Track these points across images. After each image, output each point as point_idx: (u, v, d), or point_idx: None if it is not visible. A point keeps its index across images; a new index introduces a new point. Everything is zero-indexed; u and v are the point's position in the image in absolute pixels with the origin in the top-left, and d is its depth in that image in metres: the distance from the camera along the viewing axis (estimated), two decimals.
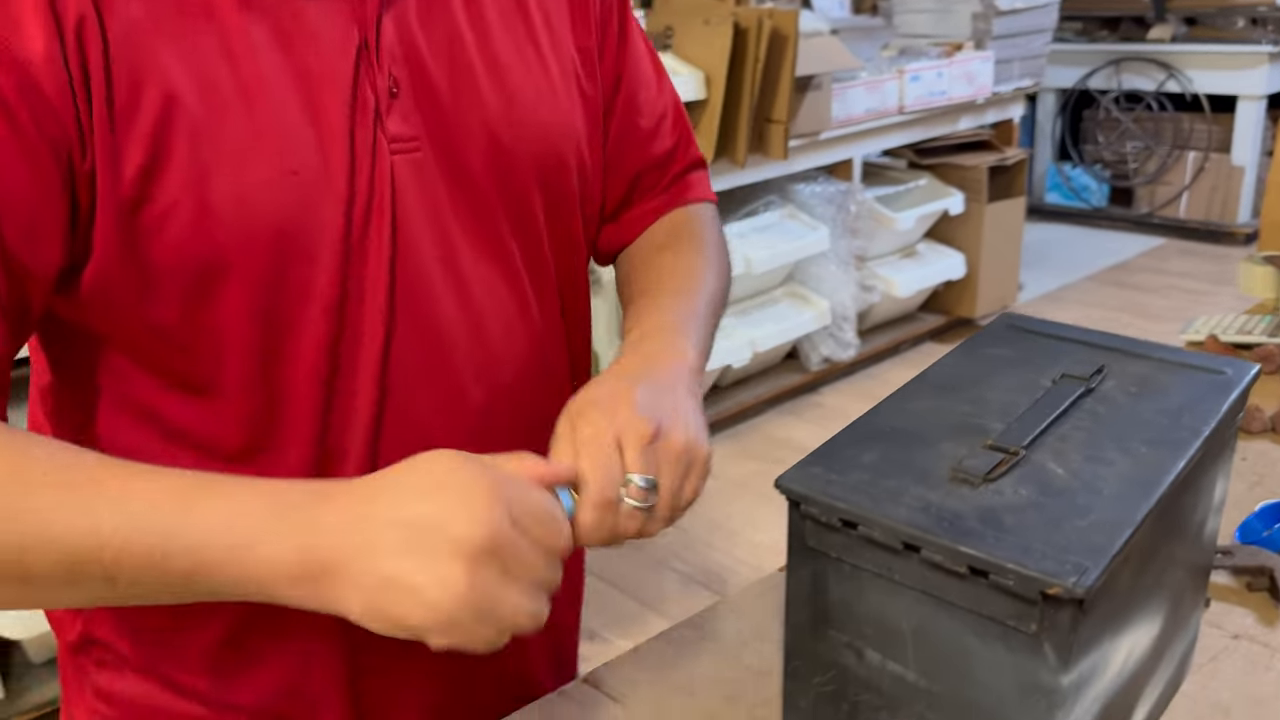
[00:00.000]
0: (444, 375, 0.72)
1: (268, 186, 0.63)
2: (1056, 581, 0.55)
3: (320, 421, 0.69)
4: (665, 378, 0.70)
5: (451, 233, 0.71)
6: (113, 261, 0.62)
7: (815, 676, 0.68)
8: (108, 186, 0.60)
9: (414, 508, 0.53)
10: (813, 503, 0.64)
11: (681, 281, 0.82)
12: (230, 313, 0.65)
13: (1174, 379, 0.74)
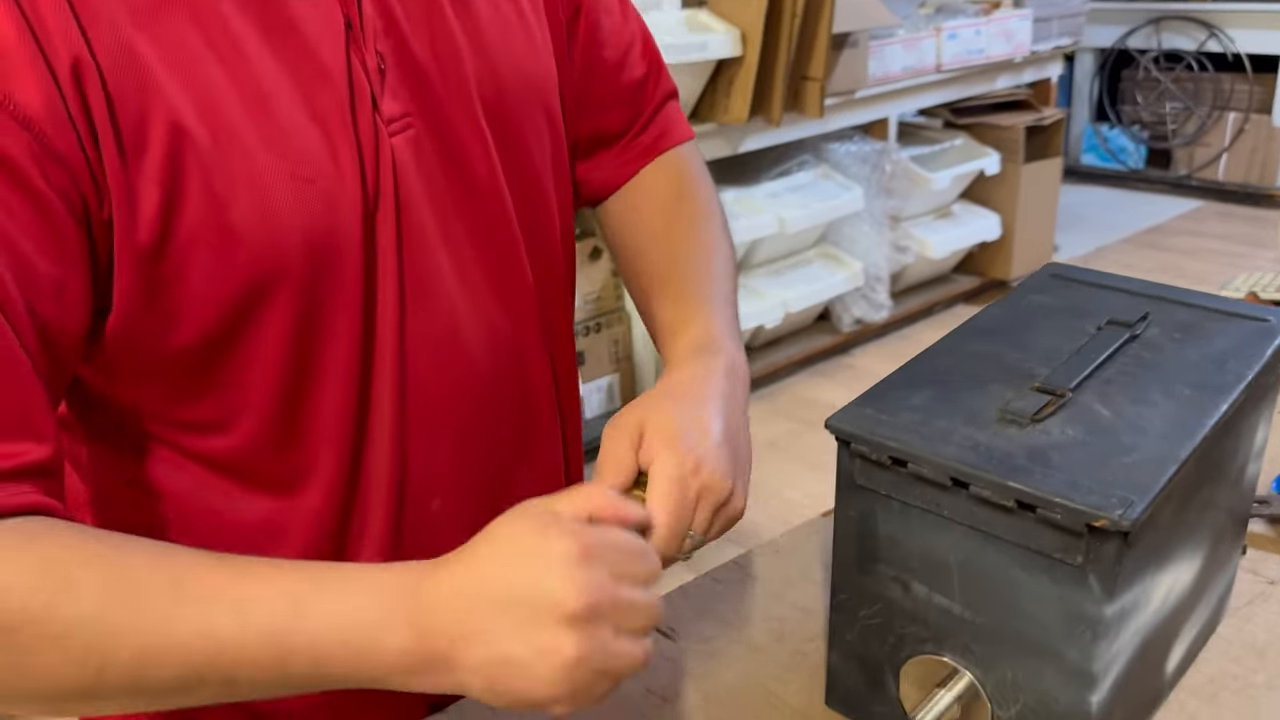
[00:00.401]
0: (455, 351, 0.72)
1: (287, 201, 0.62)
2: (1103, 514, 0.57)
3: (350, 426, 0.69)
4: (735, 408, 0.71)
5: (448, 206, 0.71)
6: (135, 307, 0.61)
7: (862, 610, 0.71)
8: (125, 231, 0.58)
9: (513, 585, 0.53)
10: (863, 441, 0.66)
11: (705, 263, 0.82)
12: (265, 337, 0.64)
13: (1218, 326, 0.75)
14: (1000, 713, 0.65)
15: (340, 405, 0.68)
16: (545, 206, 0.80)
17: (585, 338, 2.88)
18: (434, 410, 0.72)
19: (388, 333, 0.69)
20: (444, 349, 0.72)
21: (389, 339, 0.69)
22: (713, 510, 0.66)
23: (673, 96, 0.92)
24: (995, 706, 0.65)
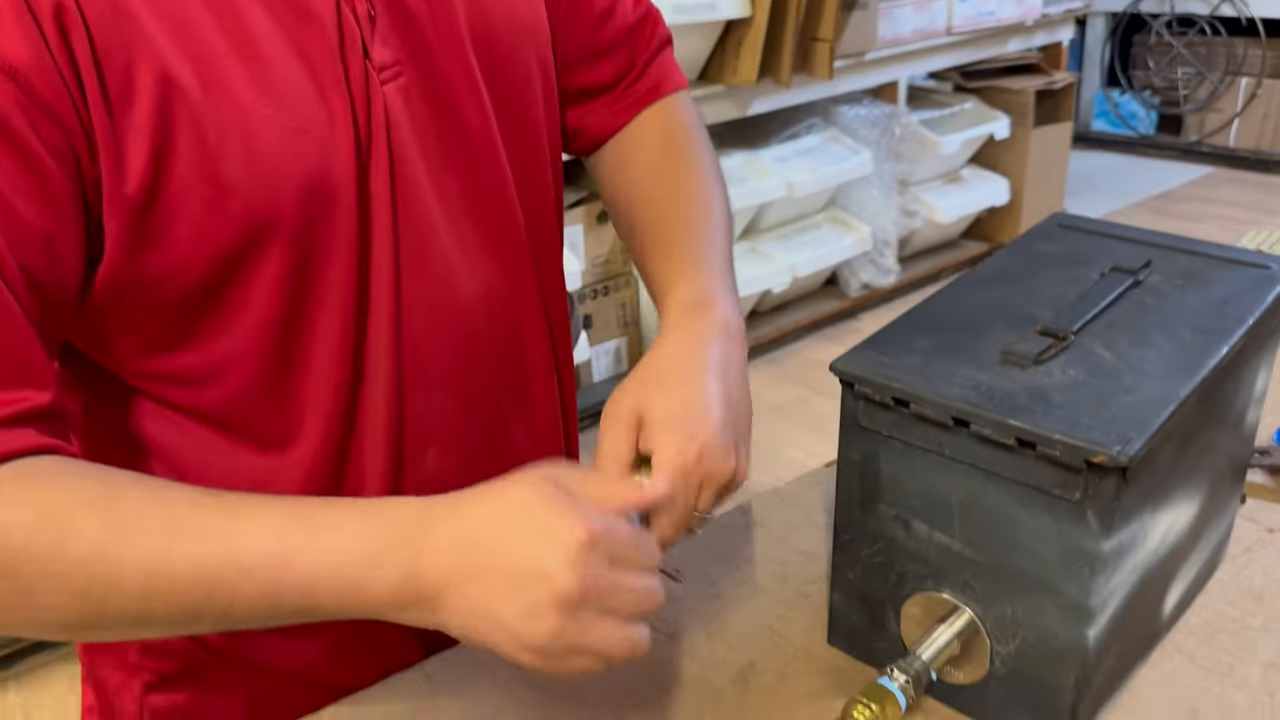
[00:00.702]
0: (450, 304, 0.73)
1: (279, 151, 0.61)
2: (1101, 450, 0.58)
3: (344, 378, 0.70)
4: (731, 374, 0.70)
5: (440, 156, 0.71)
6: (125, 259, 0.60)
7: (864, 549, 0.72)
8: (114, 183, 0.58)
9: (515, 553, 0.55)
10: (866, 383, 0.67)
11: (694, 215, 0.81)
12: (257, 287, 0.64)
13: (1220, 273, 0.76)
14: (999, 648, 0.67)
15: (334, 357, 0.68)
16: (539, 159, 0.80)
17: (593, 301, 2.89)
18: (430, 362, 0.73)
19: (382, 285, 0.69)
20: (439, 301, 0.72)
21: (384, 291, 0.69)
22: (716, 490, 0.67)
23: (667, 44, 0.91)
24: (994, 642, 0.67)
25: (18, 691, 2.11)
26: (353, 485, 0.73)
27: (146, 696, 0.76)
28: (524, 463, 0.81)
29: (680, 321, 0.73)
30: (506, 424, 0.80)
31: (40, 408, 0.57)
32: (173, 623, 0.57)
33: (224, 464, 0.70)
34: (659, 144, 0.87)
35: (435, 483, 0.75)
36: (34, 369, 0.57)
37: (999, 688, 0.68)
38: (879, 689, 0.63)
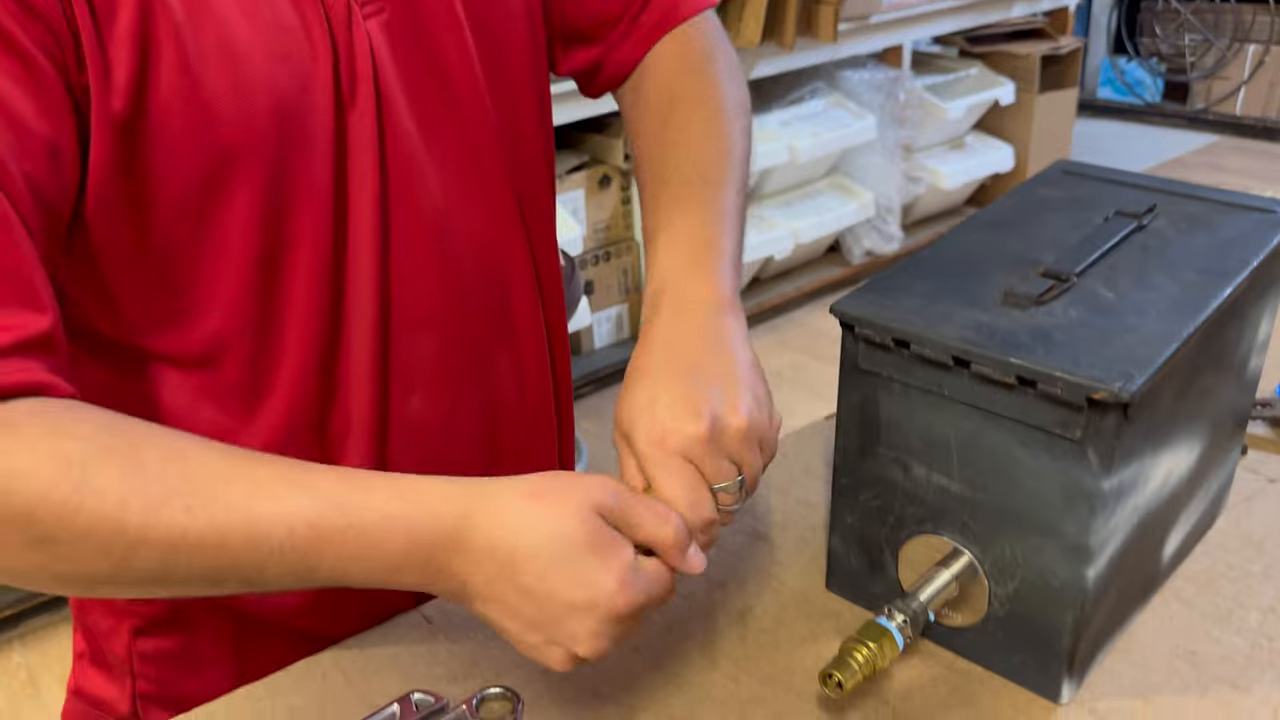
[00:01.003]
0: (436, 248, 0.72)
1: (260, 75, 0.61)
2: (1103, 387, 0.57)
3: (324, 320, 0.69)
4: (710, 348, 0.66)
5: (424, 97, 0.69)
6: (109, 180, 0.60)
7: (862, 493, 0.72)
8: (101, 96, 0.57)
9: (545, 595, 0.55)
10: (867, 324, 0.67)
11: (705, 167, 0.76)
12: (234, 219, 0.63)
13: (1225, 217, 0.75)
14: (997, 589, 0.66)
15: (312, 299, 0.68)
16: (525, 102, 0.78)
17: (594, 267, 2.88)
18: (414, 305, 0.72)
19: (364, 226, 0.68)
20: (425, 244, 0.71)
21: (366, 232, 0.68)
22: (713, 453, 0.61)
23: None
24: (993, 583, 0.66)
25: (22, 652, 2.12)
26: (337, 429, 0.73)
27: (135, 641, 0.76)
28: (508, 410, 0.82)
29: (646, 321, 0.69)
30: (491, 370, 0.79)
31: (41, 334, 0.55)
32: (194, 585, 0.56)
33: (205, 410, 0.69)
34: (666, 86, 0.82)
35: (419, 428, 0.75)
36: (34, 291, 0.56)
37: (997, 629, 0.67)
38: (876, 628, 0.63)
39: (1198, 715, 0.65)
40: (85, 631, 0.80)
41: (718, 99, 0.80)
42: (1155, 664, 0.69)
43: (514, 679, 0.69)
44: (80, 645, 0.81)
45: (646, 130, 0.82)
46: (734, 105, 0.81)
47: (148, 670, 0.77)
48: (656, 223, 0.75)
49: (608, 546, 0.56)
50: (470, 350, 0.77)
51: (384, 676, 0.70)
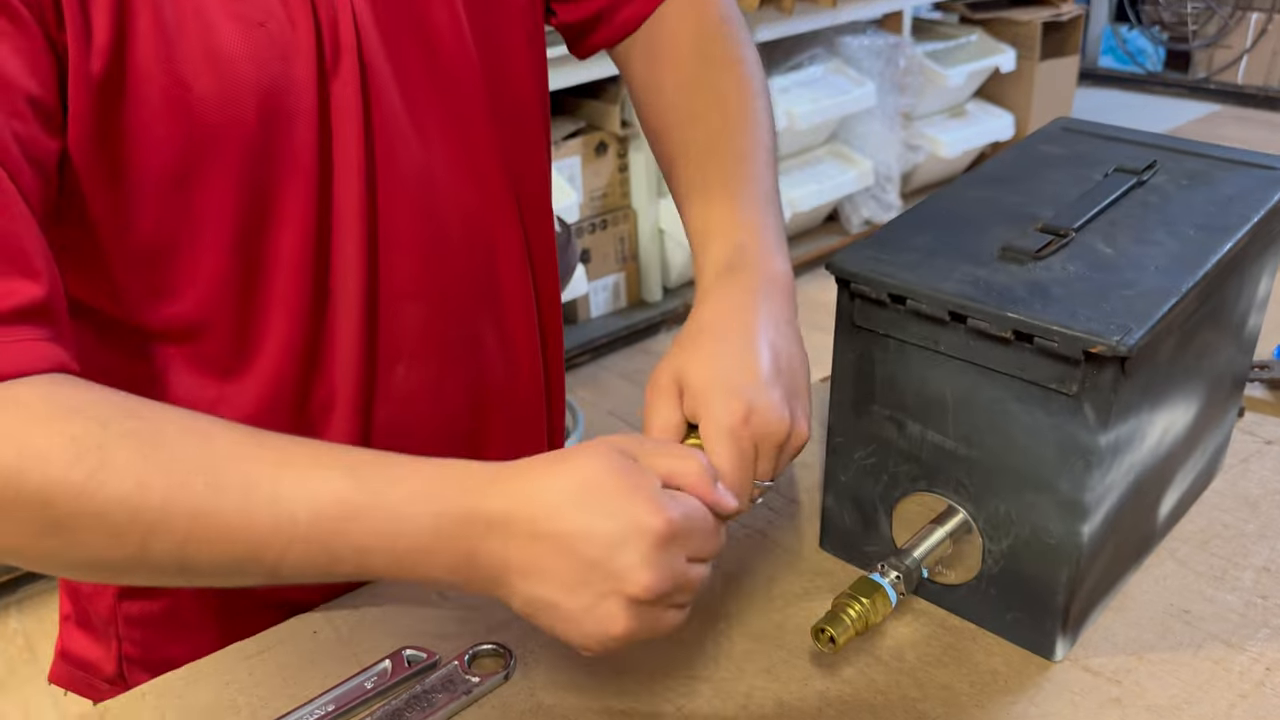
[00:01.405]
0: (423, 220, 0.70)
1: (237, 46, 0.59)
2: (1101, 341, 0.57)
3: (306, 293, 0.68)
4: (780, 330, 0.65)
5: (409, 60, 0.68)
6: (86, 141, 0.58)
7: (857, 451, 0.71)
8: (80, 58, 0.56)
9: (588, 544, 0.51)
10: (863, 280, 0.66)
11: (739, 148, 0.73)
12: (215, 191, 0.62)
13: (1226, 173, 0.74)
14: (991, 546, 0.66)
15: (295, 270, 0.66)
16: (517, 67, 0.76)
17: (591, 235, 2.87)
18: (401, 276, 0.71)
19: (350, 197, 0.66)
20: (411, 214, 0.70)
21: (352, 203, 0.66)
22: (775, 453, 0.61)
23: None
24: (987, 540, 0.66)
25: (19, 618, 2.13)
26: (321, 401, 0.72)
27: (119, 603, 0.76)
28: (495, 381, 0.81)
29: (719, 282, 0.67)
30: (478, 341, 0.78)
31: (35, 301, 0.53)
32: (216, 574, 0.53)
33: (187, 379, 0.68)
34: (691, 47, 0.79)
35: (405, 398, 0.74)
36: (28, 256, 0.54)
37: (990, 587, 0.67)
38: (869, 583, 0.63)
39: (1191, 672, 0.65)
40: (70, 593, 0.80)
41: (739, 73, 0.78)
42: (1149, 622, 0.69)
43: (506, 636, 0.68)
44: (66, 607, 0.81)
45: (669, 117, 0.78)
46: (755, 74, 0.79)
47: (132, 633, 0.77)
48: (708, 191, 0.72)
49: (631, 474, 0.53)
50: (457, 321, 0.76)
51: (376, 634, 0.70)
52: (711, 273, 0.68)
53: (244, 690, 0.65)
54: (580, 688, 0.65)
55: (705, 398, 0.60)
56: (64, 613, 0.81)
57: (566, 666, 0.66)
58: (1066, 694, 0.64)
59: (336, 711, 0.62)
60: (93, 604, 0.77)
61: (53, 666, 0.82)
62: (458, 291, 0.75)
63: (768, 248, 0.68)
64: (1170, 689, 0.64)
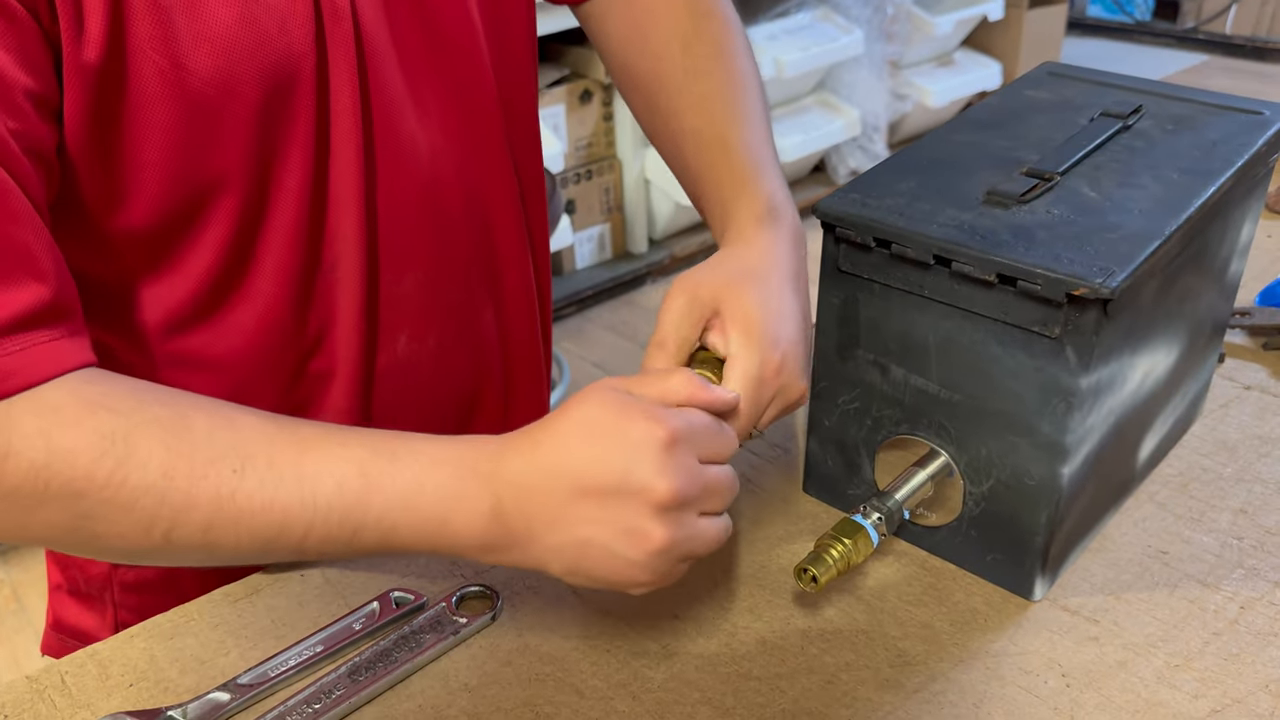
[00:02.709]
0: (420, 187, 0.70)
1: (234, 20, 0.58)
2: (1083, 283, 0.57)
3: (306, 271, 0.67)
4: (804, 288, 0.68)
5: (410, 33, 0.67)
6: (82, 130, 0.57)
7: (841, 396, 0.72)
8: (73, 45, 0.55)
9: (600, 471, 0.52)
10: (848, 224, 0.66)
11: (740, 108, 0.74)
12: (214, 171, 0.61)
13: (1211, 118, 0.74)
14: (972, 489, 0.67)
15: (290, 242, 0.66)
16: (515, 29, 0.75)
17: (575, 185, 2.85)
18: (400, 244, 0.70)
19: (347, 167, 0.66)
20: (409, 181, 0.69)
21: (349, 173, 0.66)
22: (782, 407, 0.63)
23: None
24: (968, 483, 0.67)
25: (4, 569, 2.13)
26: (320, 369, 0.72)
27: (115, 569, 0.76)
28: (494, 344, 0.81)
29: (760, 228, 0.68)
30: (477, 306, 0.78)
31: (44, 303, 0.52)
32: (243, 555, 0.54)
33: (181, 348, 0.68)
34: (678, 16, 0.78)
35: (406, 368, 0.74)
36: (34, 258, 0.52)
37: (971, 528, 0.68)
38: (851, 525, 0.63)
39: (1168, 611, 0.66)
40: (59, 562, 0.79)
41: (733, 33, 0.77)
42: (1127, 563, 0.70)
43: (493, 578, 0.69)
44: (56, 577, 0.80)
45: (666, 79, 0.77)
46: (743, 33, 0.79)
47: (129, 600, 0.77)
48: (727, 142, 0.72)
49: (626, 402, 0.54)
50: (457, 289, 0.76)
51: (363, 576, 0.70)
52: (751, 218, 0.68)
53: (232, 632, 0.66)
54: (566, 627, 0.65)
55: (745, 339, 0.61)
56: (54, 582, 0.81)
57: (553, 608, 0.67)
58: (1045, 632, 0.65)
59: (325, 652, 0.63)
60: (85, 572, 0.77)
61: (44, 638, 0.82)
62: (457, 260, 0.75)
63: (789, 201, 0.70)
64: (1147, 627, 0.65)
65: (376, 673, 0.61)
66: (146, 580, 0.76)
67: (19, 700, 0.61)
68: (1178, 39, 4.73)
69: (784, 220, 0.69)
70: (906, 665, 0.63)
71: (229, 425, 0.53)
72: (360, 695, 0.60)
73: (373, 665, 0.62)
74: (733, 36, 0.78)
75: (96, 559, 0.55)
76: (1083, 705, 0.60)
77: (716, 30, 0.77)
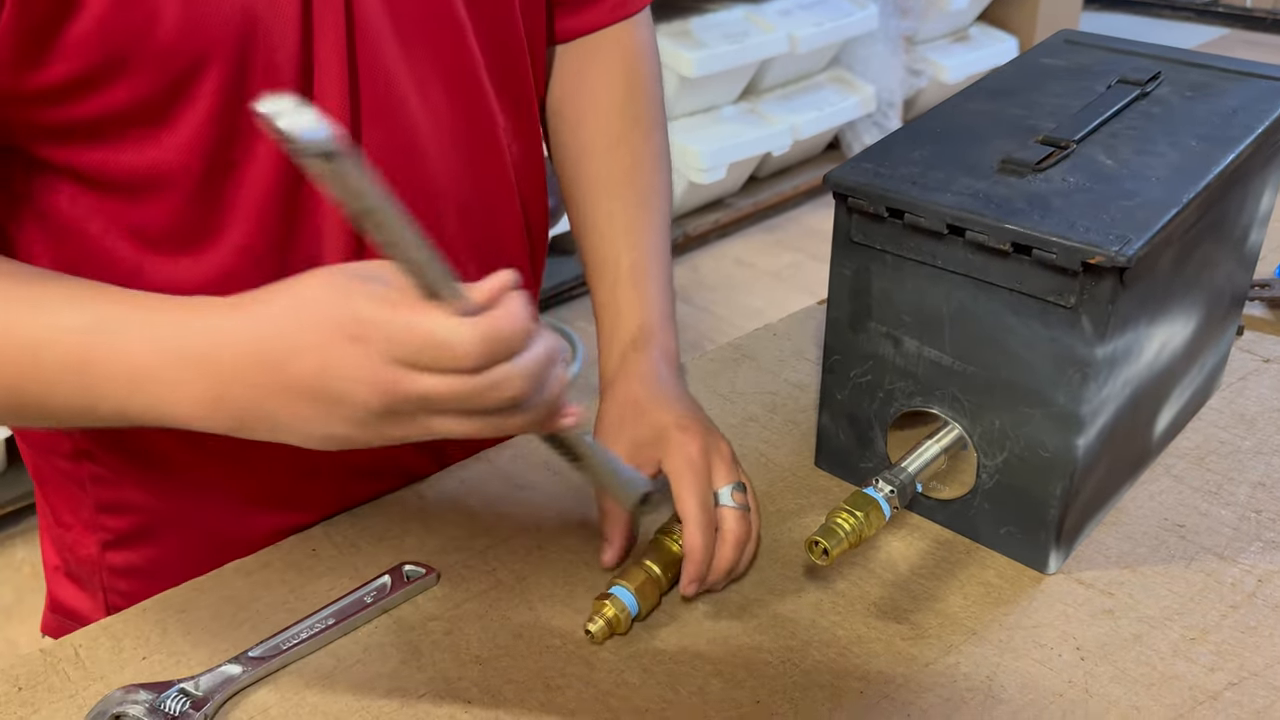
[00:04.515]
0: (417, 185, 0.68)
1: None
2: (1099, 251, 0.56)
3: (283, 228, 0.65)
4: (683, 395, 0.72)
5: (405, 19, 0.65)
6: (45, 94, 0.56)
7: (853, 369, 0.71)
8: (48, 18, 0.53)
9: (300, 368, 0.49)
10: (862, 194, 0.65)
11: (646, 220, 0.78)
12: (189, 126, 0.59)
13: (1231, 84, 0.73)
14: (986, 461, 0.66)
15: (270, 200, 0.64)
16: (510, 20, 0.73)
17: None
18: None
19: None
20: (404, 174, 0.67)
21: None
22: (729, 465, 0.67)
23: None
24: (982, 455, 0.66)
25: (25, 548, 2.15)
26: None
27: (104, 553, 0.75)
28: None
29: (625, 362, 0.73)
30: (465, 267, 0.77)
31: None
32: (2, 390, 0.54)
33: None
34: (620, 100, 0.80)
35: None
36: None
37: (985, 501, 0.67)
38: (864, 497, 0.63)
39: (1184, 584, 0.65)
40: (55, 543, 0.79)
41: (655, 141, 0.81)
42: (1143, 536, 0.69)
43: (501, 553, 0.69)
44: (53, 559, 0.80)
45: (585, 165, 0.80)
46: (665, 139, 0.82)
47: (118, 584, 0.76)
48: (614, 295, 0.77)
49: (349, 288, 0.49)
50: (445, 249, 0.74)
51: (375, 550, 0.70)
52: (619, 352, 0.74)
53: (244, 605, 0.66)
54: (578, 600, 0.65)
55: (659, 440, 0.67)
56: (51, 564, 0.81)
57: (564, 581, 0.67)
58: (1059, 605, 0.64)
59: (336, 625, 0.63)
60: (76, 554, 0.77)
61: (44, 618, 0.83)
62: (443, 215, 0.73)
63: (665, 325, 0.75)
64: (1163, 600, 0.64)
65: None
66: (135, 566, 0.76)
67: (33, 673, 0.61)
68: (1198, 12, 4.67)
69: (655, 343, 0.73)
70: (919, 638, 0.62)
71: (17, 269, 0.55)
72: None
73: None
74: (655, 144, 0.81)
75: None
76: (1097, 678, 0.59)
77: (638, 141, 0.80)
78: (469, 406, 0.49)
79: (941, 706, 0.58)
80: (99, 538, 0.75)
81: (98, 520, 0.75)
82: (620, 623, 0.62)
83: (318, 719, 0.58)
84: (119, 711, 0.57)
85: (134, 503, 0.74)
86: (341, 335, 0.48)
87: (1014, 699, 0.58)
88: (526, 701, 0.59)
